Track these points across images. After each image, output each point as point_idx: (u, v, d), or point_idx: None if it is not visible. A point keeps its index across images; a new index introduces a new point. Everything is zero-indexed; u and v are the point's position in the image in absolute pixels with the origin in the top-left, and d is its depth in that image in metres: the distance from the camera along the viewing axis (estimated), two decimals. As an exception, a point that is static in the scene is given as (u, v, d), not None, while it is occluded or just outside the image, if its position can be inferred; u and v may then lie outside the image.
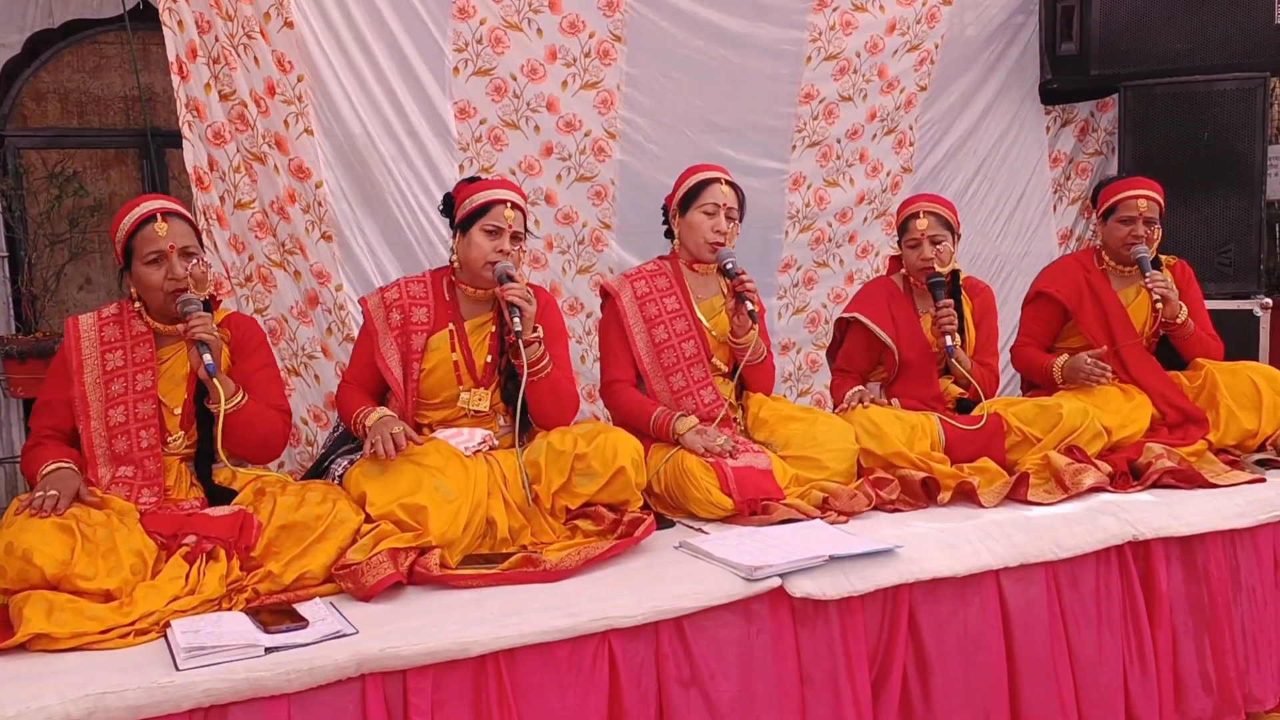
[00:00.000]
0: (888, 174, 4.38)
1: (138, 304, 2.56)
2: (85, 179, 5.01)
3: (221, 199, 3.29)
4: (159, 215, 2.50)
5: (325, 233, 3.41)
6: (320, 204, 3.38)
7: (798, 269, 4.31)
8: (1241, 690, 2.70)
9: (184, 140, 3.21)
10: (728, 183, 3.09)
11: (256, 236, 3.33)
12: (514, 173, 3.73)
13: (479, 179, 2.92)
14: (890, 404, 3.18)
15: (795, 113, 4.14)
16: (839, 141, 4.27)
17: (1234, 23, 4.13)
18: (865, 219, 4.44)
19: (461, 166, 3.64)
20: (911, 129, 4.40)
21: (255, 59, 3.21)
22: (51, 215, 4.91)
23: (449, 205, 2.89)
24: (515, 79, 3.66)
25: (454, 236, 2.85)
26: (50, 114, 5.03)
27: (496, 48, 3.61)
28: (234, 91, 3.22)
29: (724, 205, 3.04)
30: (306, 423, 3.47)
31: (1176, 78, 4.19)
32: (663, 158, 3.88)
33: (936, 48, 4.30)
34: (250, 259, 3.37)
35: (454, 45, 3.57)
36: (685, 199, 3.10)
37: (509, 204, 2.74)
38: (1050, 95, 4.58)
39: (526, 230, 2.83)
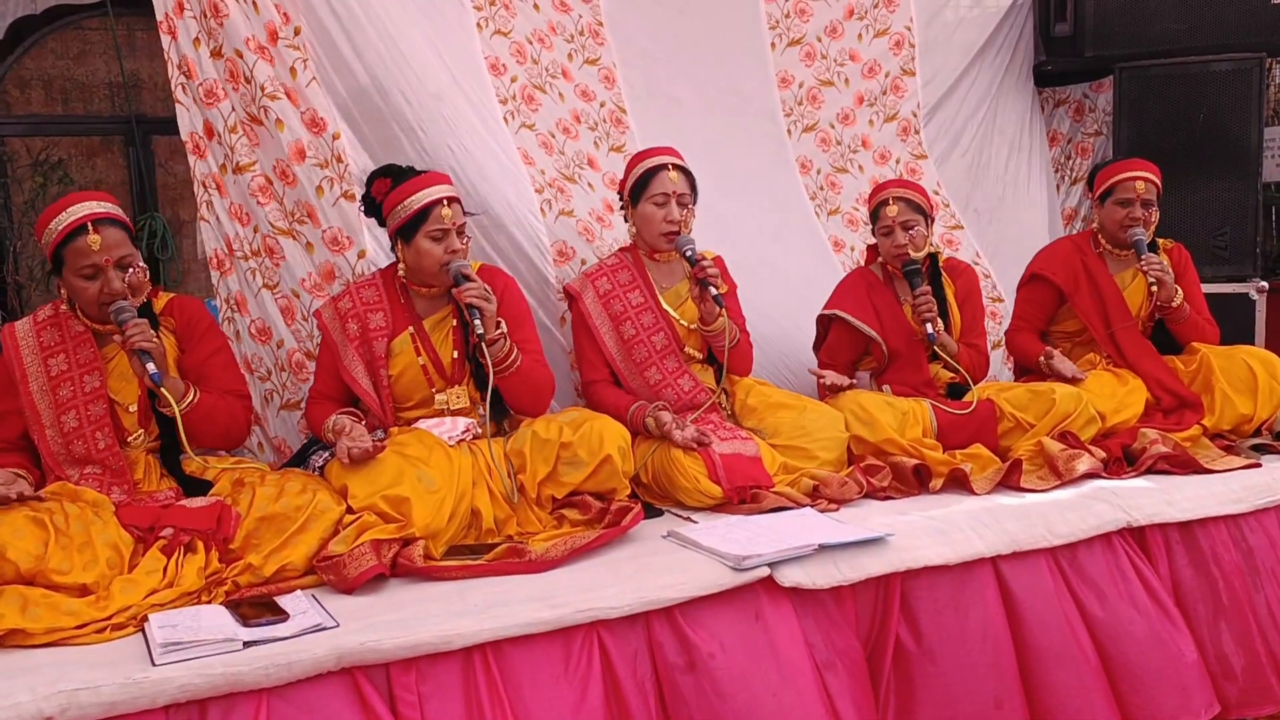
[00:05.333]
0: (897, 160, 4.33)
1: (65, 307, 2.49)
2: (70, 167, 4.95)
3: (222, 166, 3.11)
4: (90, 225, 2.36)
5: (347, 191, 3.11)
6: (339, 158, 3.13)
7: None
8: (1277, 677, 2.63)
9: (177, 105, 3.05)
10: (675, 167, 3.03)
11: (259, 202, 3.12)
12: (554, 135, 3.56)
13: (403, 176, 2.74)
14: (882, 391, 3.15)
15: (780, 97, 4.12)
16: (833, 126, 4.23)
17: (1230, 2, 4.08)
18: None
19: (506, 119, 3.43)
20: (915, 115, 4.36)
21: (254, 4, 3.05)
22: (37, 203, 4.85)
23: (371, 204, 2.78)
24: (531, 44, 3.58)
25: (395, 244, 2.74)
26: (34, 101, 4.97)
27: (508, 10, 3.54)
28: (221, 46, 3.03)
29: (674, 193, 2.99)
30: None
31: (1172, 58, 4.15)
32: (669, 138, 3.80)
33: (909, 29, 4.28)
34: (255, 229, 3.16)
35: (473, 3, 3.49)
36: (635, 189, 3.05)
37: (444, 201, 2.65)
38: (1045, 77, 4.54)
39: (466, 213, 2.74)
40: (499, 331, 2.58)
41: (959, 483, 2.81)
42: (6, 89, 4.92)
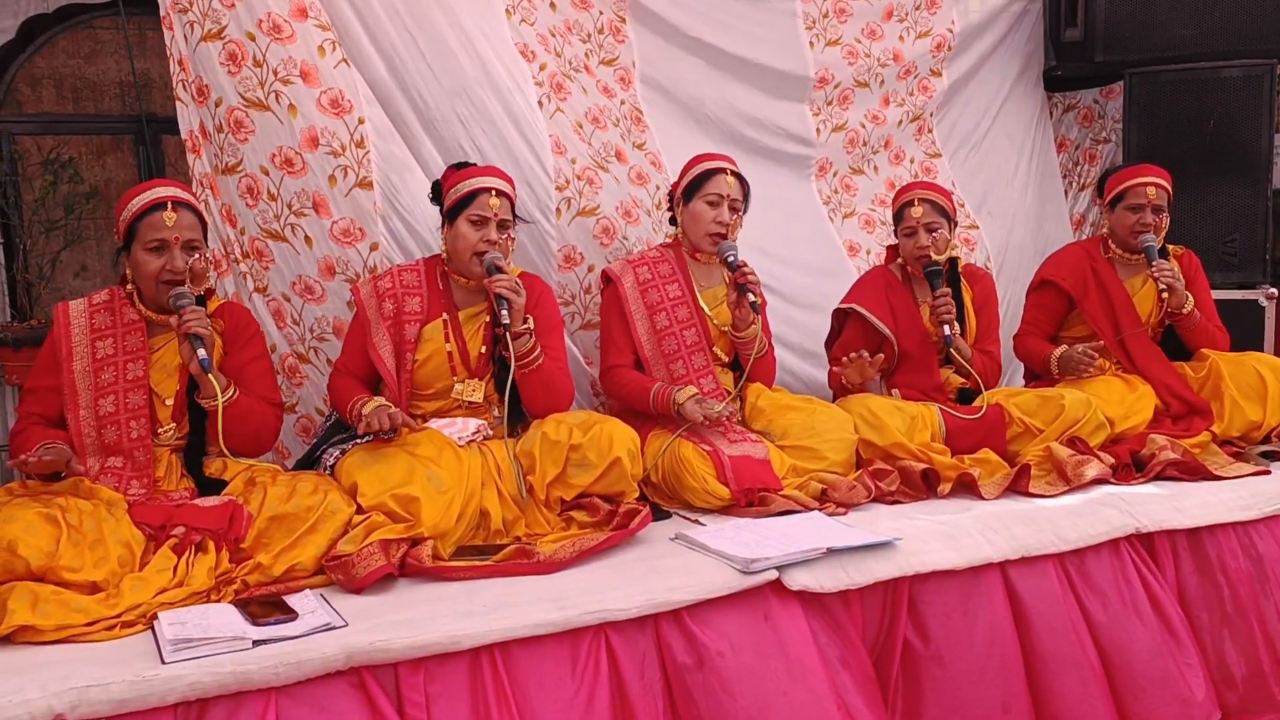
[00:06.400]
0: (911, 160, 4.33)
1: (129, 287, 2.53)
2: (80, 165, 4.97)
3: (214, 167, 3.09)
4: (169, 204, 2.46)
5: (363, 179, 3.05)
6: (360, 143, 3.05)
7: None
8: (1278, 685, 2.62)
9: (177, 102, 3.04)
10: (733, 173, 3.07)
11: (248, 204, 3.06)
12: (581, 126, 3.52)
13: (467, 165, 2.87)
14: (891, 395, 3.15)
15: (810, 97, 4.11)
16: (863, 126, 4.22)
17: (1241, 8, 4.08)
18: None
19: (540, 103, 3.38)
20: (932, 115, 4.37)
21: None
22: (46, 202, 4.88)
23: (437, 191, 2.86)
24: (553, 36, 3.57)
25: (442, 226, 2.82)
26: (45, 99, 4.99)
27: (530, 2, 3.53)
28: (225, 28, 2.94)
29: (728, 196, 3.03)
30: (323, 413, 3.18)
31: (1182, 64, 4.14)
32: (687, 139, 3.80)
33: (950, 32, 4.27)
34: (243, 232, 3.12)
35: None
36: (689, 188, 3.08)
37: (494, 191, 2.73)
38: (1055, 82, 4.53)
39: (515, 217, 2.81)
40: (525, 327, 2.62)
41: (967, 488, 2.81)
42: (18, 87, 4.94)
